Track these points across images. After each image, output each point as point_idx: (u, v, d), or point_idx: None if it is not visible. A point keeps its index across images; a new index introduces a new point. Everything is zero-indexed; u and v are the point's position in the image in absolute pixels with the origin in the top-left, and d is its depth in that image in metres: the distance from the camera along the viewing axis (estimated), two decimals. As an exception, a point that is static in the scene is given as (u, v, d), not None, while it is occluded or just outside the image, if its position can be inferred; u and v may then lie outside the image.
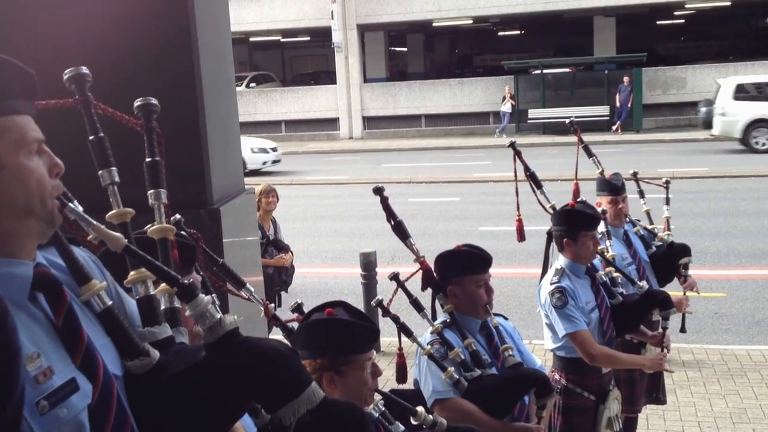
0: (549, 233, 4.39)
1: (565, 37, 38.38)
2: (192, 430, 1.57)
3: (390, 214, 3.40)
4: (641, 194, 5.58)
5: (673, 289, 5.24)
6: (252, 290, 2.70)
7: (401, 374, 3.44)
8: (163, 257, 1.80)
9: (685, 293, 5.30)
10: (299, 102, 33.37)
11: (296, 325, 2.66)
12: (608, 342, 4.30)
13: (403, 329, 3.23)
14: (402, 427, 2.56)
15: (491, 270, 3.54)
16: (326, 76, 36.67)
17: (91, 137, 1.76)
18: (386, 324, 3.40)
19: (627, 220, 5.24)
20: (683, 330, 5.51)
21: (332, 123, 32.98)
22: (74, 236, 1.73)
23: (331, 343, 2.44)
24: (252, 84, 35.40)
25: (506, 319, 3.69)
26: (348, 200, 18.03)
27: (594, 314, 4.23)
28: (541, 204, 4.40)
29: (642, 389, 5.00)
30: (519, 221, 4.51)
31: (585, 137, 5.34)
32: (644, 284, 4.52)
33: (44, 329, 1.44)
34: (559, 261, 4.31)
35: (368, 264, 8.22)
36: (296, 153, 29.03)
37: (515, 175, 4.34)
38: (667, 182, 5.69)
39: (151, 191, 1.87)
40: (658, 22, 40.25)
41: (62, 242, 1.59)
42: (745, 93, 22.72)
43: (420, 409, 2.59)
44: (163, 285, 1.73)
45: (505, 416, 3.28)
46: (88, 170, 1.80)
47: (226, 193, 4.27)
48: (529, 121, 29.51)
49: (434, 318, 3.51)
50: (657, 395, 5.19)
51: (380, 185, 3.40)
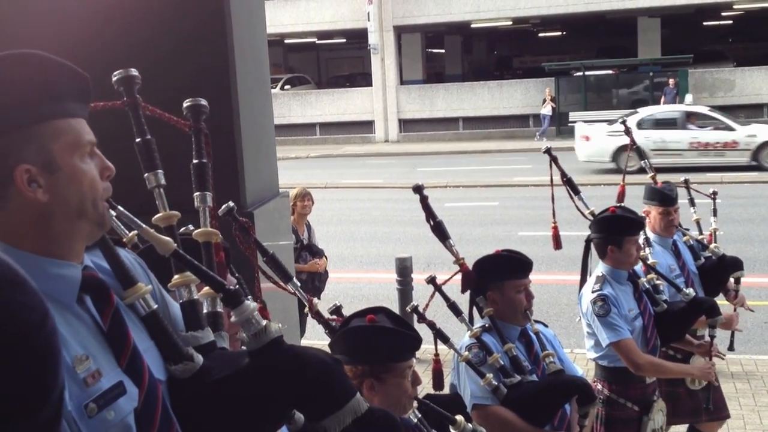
0: (587, 241, 4.36)
1: (608, 38, 38.08)
2: None
3: (429, 214, 3.39)
4: (692, 202, 5.44)
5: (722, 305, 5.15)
6: (298, 284, 2.70)
7: (438, 381, 3.43)
8: (207, 261, 1.82)
9: (736, 309, 5.12)
10: (334, 104, 33.45)
11: (337, 325, 2.66)
12: (652, 350, 4.26)
13: (440, 335, 3.22)
14: None
15: (531, 276, 3.53)
16: (362, 78, 36.75)
17: (138, 139, 1.78)
18: (422, 330, 3.39)
19: (676, 230, 5.10)
20: (731, 348, 5.37)
21: (367, 126, 33.02)
22: (118, 238, 1.75)
23: (373, 350, 2.44)
24: (287, 86, 35.58)
25: (546, 326, 3.68)
26: (383, 204, 18.05)
27: (638, 322, 4.20)
28: (579, 210, 4.38)
29: (686, 408, 4.84)
30: (555, 228, 4.49)
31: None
32: (691, 291, 4.47)
33: (91, 331, 1.47)
34: (600, 268, 4.27)
35: (404, 269, 8.20)
36: (331, 156, 29.13)
37: (551, 182, 4.34)
38: (714, 193, 5.53)
39: (197, 194, 1.89)
40: (705, 23, 39.79)
41: (108, 244, 1.61)
42: None
43: (459, 418, 2.58)
44: (206, 288, 1.75)
45: (546, 425, 3.26)
46: (126, 172, 1.82)
47: (260, 197, 4.30)
48: (570, 124, 29.29)
49: (472, 323, 3.50)
50: (707, 406, 5.07)
51: (420, 184, 3.40)
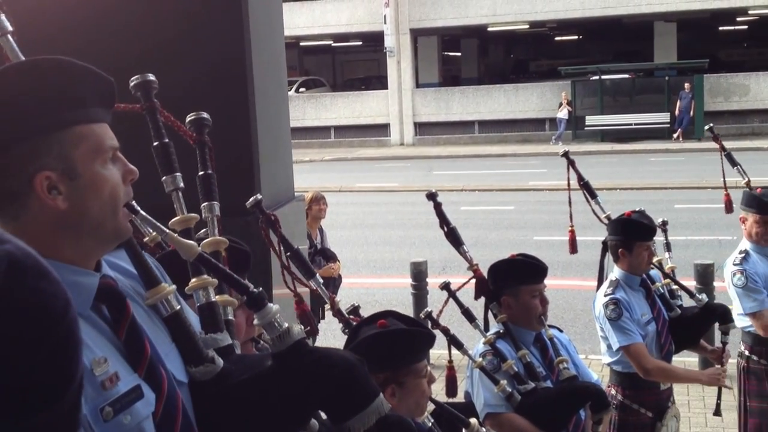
0: (604, 243, 4.36)
1: (624, 43, 37.96)
2: None
3: (443, 220, 3.40)
4: None
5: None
6: (320, 281, 2.69)
7: (451, 388, 3.43)
8: None
9: None
10: (349, 107, 33.47)
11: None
12: (666, 356, 4.25)
13: (454, 341, 3.22)
14: None
15: (546, 281, 3.53)
16: (377, 81, 36.76)
17: (156, 143, 1.80)
18: (435, 335, 3.40)
19: None
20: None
21: (383, 129, 33.01)
22: (141, 241, 1.76)
23: (393, 355, 2.42)
24: (302, 89, 35.61)
25: (561, 332, 3.68)
26: (398, 208, 18.03)
27: (651, 327, 4.19)
28: (596, 214, 4.38)
29: None
30: (571, 232, 4.49)
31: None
32: (704, 297, 4.46)
33: (108, 339, 1.45)
34: (614, 272, 4.27)
35: (419, 274, 8.19)
36: (345, 159, 29.13)
37: (568, 185, 4.34)
38: None
39: (205, 204, 1.91)
40: (721, 28, 39.64)
41: (133, 245, 1.61)
42: None
43: (473, 421, 2.58)
44: (219, 296, 1.76)
45: None
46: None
47: (276, 200, 4.31)
48: (587, 128, 29.24)
49: (486, 329, 3.50)
50: (717, 412, 5.08)
51: (434, 190, 3.41)
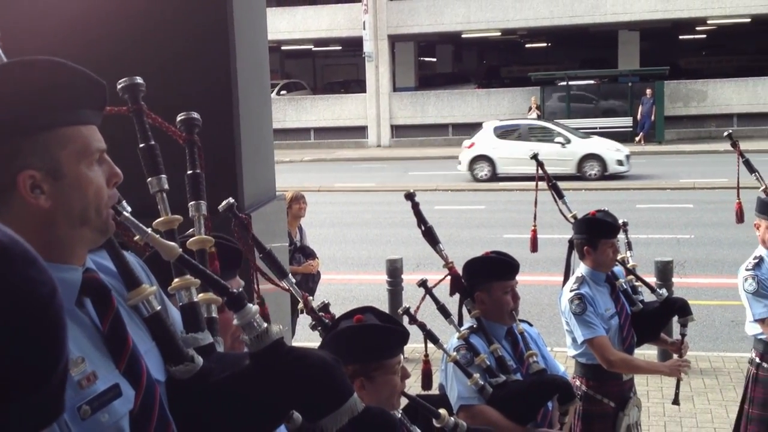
0: (570, 241, 4.38)
1: (591, 50, 38.20)
2: None
3: (420, 220, 3.40)
4: None
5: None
6: (293, 281, 2.66)
7: (427, 381, 3.43)
8: None
9: None
10: (329, 110, 33.45)
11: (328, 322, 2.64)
12: (628, 348, 4.27)
13: (430, 336, 3.22)
14: (418, 430, 2.53)
15: (516, 277, 3.54)
16: (356, 85, 36.75)
17: (142, 144, 1.77)
18: (411, 330, 3.40)
19: None
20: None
21: (361, 131, 33.02)
22: (123, 240, 1.74)
23: (364, 349, 2.40)
24: (283, 91, 35.52)
25: (531, 326, 3.69)
26: (375, 207, 18.04)
27: (614, 321, 4.21)
28: (563, 213, 4.39)
29: None
30: (534, 232, 4.50)
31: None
32: (664, 292, 4.48)
33: (89, 335, 1.43)
34: (580, 269, 4.29)
35: (394, 271, 8.20)
36: (324, 160, 29.11)
37: (536, 186, 4.35)
38: None
39: (192, 203, 1.89)
40: (681, 37, 39.98)
41: (114, 246, 1.58)
42: None
43: (443, 412, 2.57)
44: (201, 294, 1.74)
45: (529, 422, 3.26)
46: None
47: (258, 199, 4.28)
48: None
49: (461, 324, 3.50)
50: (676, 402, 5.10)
51: (412, 191, 3.41)
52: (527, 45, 43.37)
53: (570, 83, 29.69)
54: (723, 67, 37.28)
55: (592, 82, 30.68)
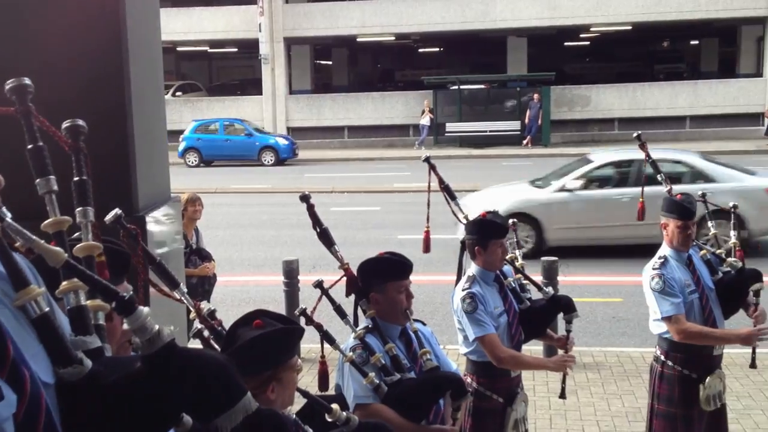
0: (462, 242, 4.44)
1: (481, 56, 38.96)
2: None
3: (316, 222, 3.40)
4: (709, 216, 5.01)
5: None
6: (184, 291, 2.62)
7: (323, 382, 3.43)
8: None
9: (756, 324, 4.58)
10: (225, 112, 33.00)
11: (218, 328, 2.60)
12: (517, 345, 4.35)
13: (326, 337, 3.22)
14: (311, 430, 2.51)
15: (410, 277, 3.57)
16: (252, 87, 36.42)
17: (30, 146, 1.72)
18: (308, 331, 3.39)
19: (693, 244, 4.72)
20: (753, 365, 4.87)
21: (257, 132, 32.74)
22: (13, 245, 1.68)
23: (277, 353, 2.39)
24: (178, 93, 34.88)
25: (424, 325, 3.72)
26: (271, 209, 17.91)
27: (503, 319, 4.28)
28: (455, 214, 4.45)
29: (701, 430, 4.63)
30: (426, 233, 4.54)
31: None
32: (550, 290, 4.57)
33: None
34: (471, 268, 4.35)
35: (290, 272, 8.14)
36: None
37: (429, 188, 4.39)
38: (735, 206, 4.99)
39: (79, 209, 1.84)
40: (566, 44, 41.23)
41: (2, 246, 1.53)
42: None
43: (335, 407, 2.56)
44: (90, 302, 1.69)
45: (422, 420, 3.31)
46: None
47: (153, 201, 4.20)
48: (447, 134, 29.85)
49: (356, 324, 3.51)
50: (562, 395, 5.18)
51: (307, 193, 3.40)
52: (420, 50, 43.88)
53: (461, 87, 30.22)
54: (605, 73, 38.66)
55: (483, 87, 31.32)
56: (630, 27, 32.82)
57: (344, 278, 3.50)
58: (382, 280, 3.46)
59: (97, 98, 3.76)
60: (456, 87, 30.32)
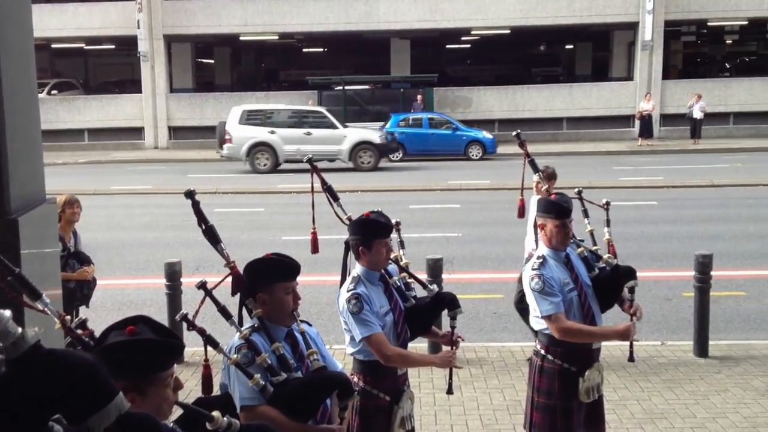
0: (346, 243, 4.45)
1: (365, 57, 39.20)
2: None
3: (201, 219, 3.34)
4: (585, 213, 5.05)
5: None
6: (47, 302, 2.50)
7: (206, 386, 3.37)
8: None
9: (632, 319, 4.73)
10: (103, 110, 32.06)
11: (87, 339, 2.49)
12: (403, 343, 4.40)
13: (210, 341, 3.17)
14: None
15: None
16: (131, 85, 35.44)
17: None
18: (191, 334, 3.33)
19: (571, 241, 4.81)
20: (631, 359, 5.05)
21: (137, 132, 31.94)
22: None
23: (136, 364, 2.25)
24: (53, 91, 33.60)
25: (310, 325, 3.72)
26: (153, 210, 17.50)
27: (388, 317, 4.32)
28: (338, 215, 4.45)
29: (579, 420, 4.73)
30: (313, 234, 4.54)
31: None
32: (434, 287, 4.63)
33: None
34: (356, 269, 4.37)
35: (173, 274, 7.95)
36: (100, 162, 27.85)
37: (312, 189, 4.39)
38: (608, 203, 5.11)
39: None
40: (448, 46, 41.98)
41: None
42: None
43: (216, 414, 2.50)
44: None
45: (309, 419, 3.31)
46: None
47: (27, 203, 4.05)
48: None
49: (241, 324, 3.48)
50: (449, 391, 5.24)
51: (192, 189, 3.34)
52: (305, 49, 43.78)
53: (346, 88, 30.32)
54: (486, 76, 39.62)
55: (367, 87, 31.53)
56: (509, 31, 33.72)
57: (230, 277, 3.46)
58: (270, 281, 3.45)
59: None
60: (340, 87, 30.41)
